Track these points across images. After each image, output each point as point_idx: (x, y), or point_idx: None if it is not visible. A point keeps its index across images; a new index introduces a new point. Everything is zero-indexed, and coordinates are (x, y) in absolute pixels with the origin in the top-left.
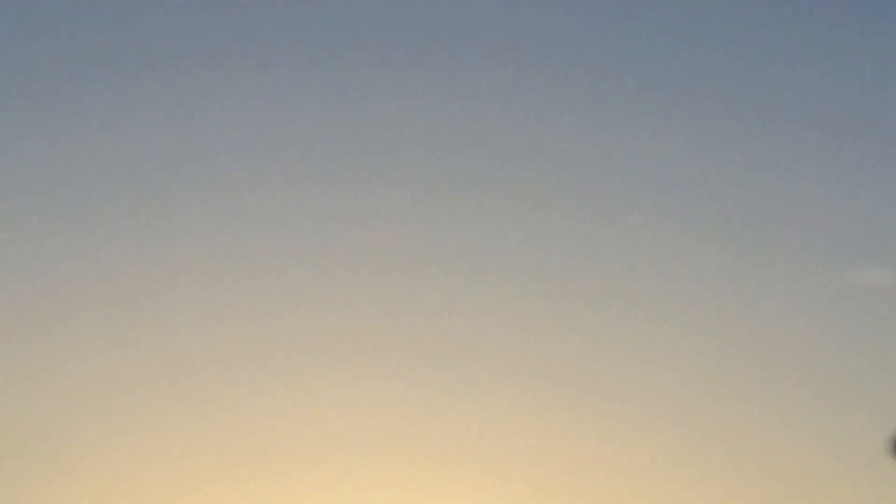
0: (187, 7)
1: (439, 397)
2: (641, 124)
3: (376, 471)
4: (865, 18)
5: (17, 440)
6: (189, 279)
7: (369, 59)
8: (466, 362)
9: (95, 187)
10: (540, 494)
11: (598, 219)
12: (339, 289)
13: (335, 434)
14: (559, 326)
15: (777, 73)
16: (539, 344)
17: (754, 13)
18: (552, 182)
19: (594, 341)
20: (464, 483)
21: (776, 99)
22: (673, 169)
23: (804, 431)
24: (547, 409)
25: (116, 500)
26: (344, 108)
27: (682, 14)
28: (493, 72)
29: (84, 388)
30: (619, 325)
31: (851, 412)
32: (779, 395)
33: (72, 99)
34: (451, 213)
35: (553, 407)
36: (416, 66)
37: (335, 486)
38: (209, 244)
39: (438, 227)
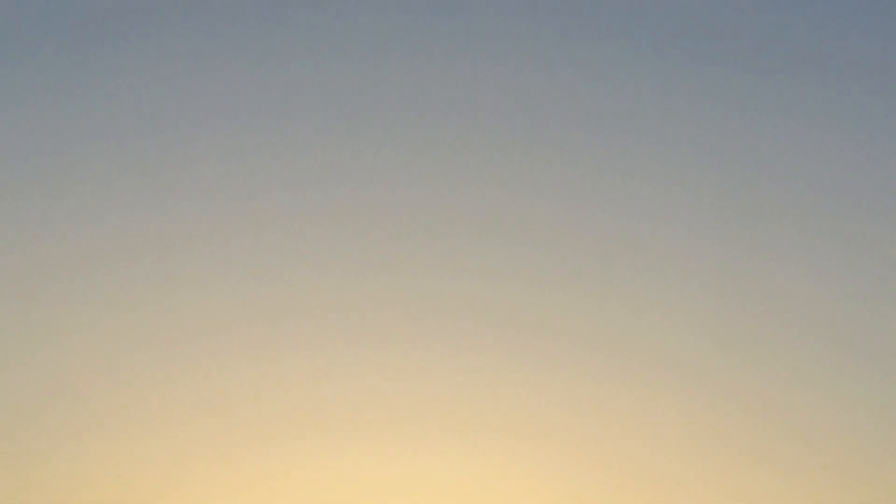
0: None
1: (452, 358)
2: (657, 71)
3: (388, 434)
4: None
5: (15, 387)
6: (193, 235)
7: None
8: (474, 321)
9: (95, 131)
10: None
11: (613, 170)
12: (350, 250)
13: (350, 397)
14: (581, 289)
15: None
16: (556, 303)
17: None
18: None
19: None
20: (475, 444)
21: (814, 48)
22: (696, 121)
23: (839, 397)
24: (563, 368)
25: (127, 461)
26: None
27: None
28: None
29: (90, 346)
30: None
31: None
32: (804, 358)
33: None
34: (461, 168)
35: (568, 365)
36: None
37: (348, 449)
38: (213, 199)
39: (448, 186)
